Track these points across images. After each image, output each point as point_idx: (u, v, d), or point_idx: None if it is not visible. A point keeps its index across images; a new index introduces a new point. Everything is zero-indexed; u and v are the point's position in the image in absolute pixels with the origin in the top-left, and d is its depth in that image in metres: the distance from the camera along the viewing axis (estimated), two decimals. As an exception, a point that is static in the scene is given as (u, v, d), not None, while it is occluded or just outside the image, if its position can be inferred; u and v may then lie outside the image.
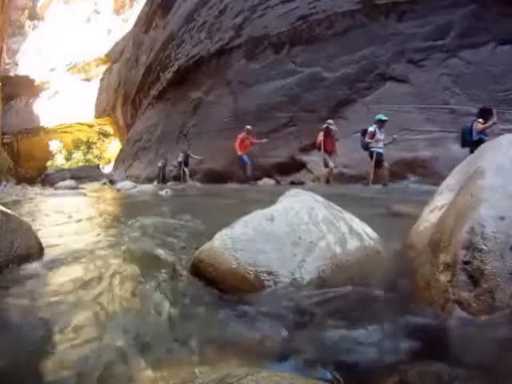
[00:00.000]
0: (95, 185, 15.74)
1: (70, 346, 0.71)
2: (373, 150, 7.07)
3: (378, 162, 7.01)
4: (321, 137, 7.97)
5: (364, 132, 7.25)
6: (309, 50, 9.65)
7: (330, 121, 8.03)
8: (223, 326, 0.81)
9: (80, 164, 29.50)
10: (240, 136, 9.58)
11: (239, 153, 9.60)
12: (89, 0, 33.68)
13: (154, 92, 17.14)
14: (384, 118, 7.02)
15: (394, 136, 6.96)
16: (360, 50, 8.65)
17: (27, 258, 1.25)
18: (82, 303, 0.92)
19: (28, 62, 32.93)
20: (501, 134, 1.13)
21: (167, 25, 16.53)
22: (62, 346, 0.71)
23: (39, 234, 1.47)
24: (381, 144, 7.06)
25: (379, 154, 7.02)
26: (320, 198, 1.31)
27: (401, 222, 1.88)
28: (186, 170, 12.07)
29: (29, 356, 0.68)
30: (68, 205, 4.73)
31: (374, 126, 7.05)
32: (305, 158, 9.32)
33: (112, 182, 15.43)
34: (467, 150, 5.37)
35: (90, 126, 31.52)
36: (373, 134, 7.03)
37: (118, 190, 8.86)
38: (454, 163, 1.34)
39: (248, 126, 9.50)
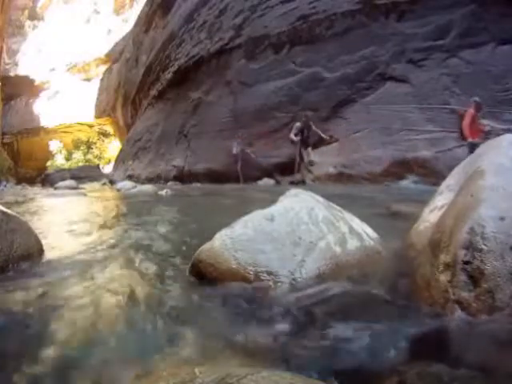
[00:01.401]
0: (95, 185, 15.74)
1: (67, 346, 0.71)
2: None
3: None
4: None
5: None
6: (309, 50, 9.65)
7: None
8: (223, 325, 0.81)
9: (80, 164, 29.49)
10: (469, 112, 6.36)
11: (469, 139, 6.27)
12: (89, 0, 33.68)
13: (153, 92, 17.13)
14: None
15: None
16: (360, 50, 8.64)
17: (27, 257, 1.25)
18: (81, 303, 0.92)
19: (28, 62, 32.91)
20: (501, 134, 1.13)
21: (167, 25, 16.53)
22: (59, 346, 0.71)
23: (39, 234, 1.47)
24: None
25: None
26: (320, 198, 1.31)
27: (401, 222, 1.89)
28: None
29: (26, 356, 0.68)
30: (68, 205, 4.73)
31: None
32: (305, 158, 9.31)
33: (112, 182, 15.42)
34: (466, 149, 5.36)
35: (90, 126, 31.50)
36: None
37: (118, 190, 8.86)
38: (454, 163, 1.34)
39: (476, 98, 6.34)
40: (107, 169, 25.49)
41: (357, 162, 7.90)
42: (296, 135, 8.12)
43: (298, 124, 7.93)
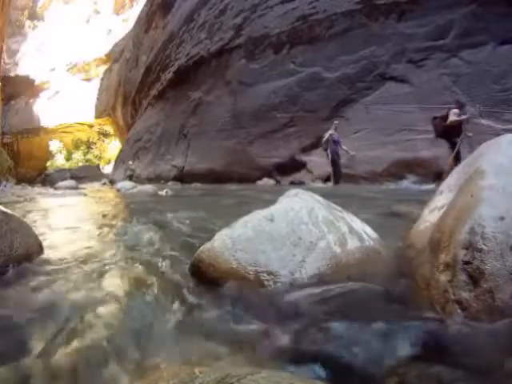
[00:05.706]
0: (95, 185, 15.74)
1: (66, 346, 0.71)
2: None
3: None
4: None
5: None
6: (309, 49, 9.66)
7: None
8: (223, 326, 0.81)
9: (80, 164, 29.52)
10: None
11: None
12: (89, 0, 33.69)
13: (153, 92, 17.15)
14: None
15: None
16: (360, 50, 8.65)
17: (27, 257, 1.25)
18: (80, 303, 0.92)
19: (28, 61, 32.94)
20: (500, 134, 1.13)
21: (167, 25, 16.54)
22: (58, 347, 0.71)
23: (39, 234, 1.47)
24: None
25: None
26: (320, 198, 1.31)
27: (401, 222, 1.89)
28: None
29: (25, 356, 0.68)
30: (68, 205, 4.73)
31: None
32: (305, 158, 9.32)
33: (112, 182, 15.44)
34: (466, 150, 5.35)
35: (90, 126, 31.51)
36: None
37: (118, 190, 8.86)
38: (454, 163, 1.33)
39: None
40: (107, 169, 25.50)
41: (357, 162, 7.90)
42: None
43: (455, 110, 6.12)
